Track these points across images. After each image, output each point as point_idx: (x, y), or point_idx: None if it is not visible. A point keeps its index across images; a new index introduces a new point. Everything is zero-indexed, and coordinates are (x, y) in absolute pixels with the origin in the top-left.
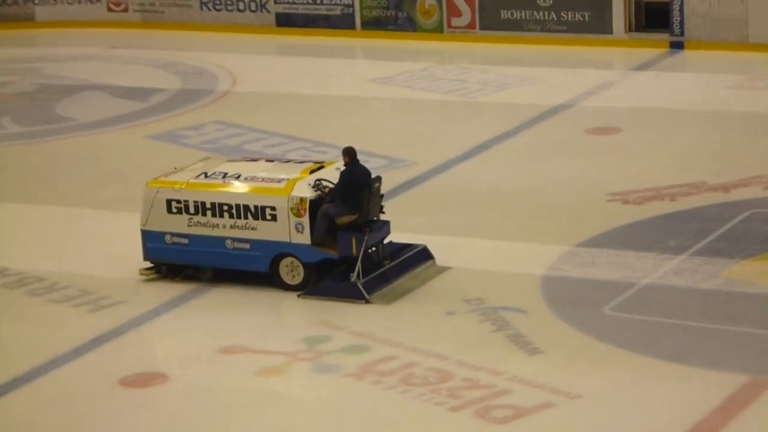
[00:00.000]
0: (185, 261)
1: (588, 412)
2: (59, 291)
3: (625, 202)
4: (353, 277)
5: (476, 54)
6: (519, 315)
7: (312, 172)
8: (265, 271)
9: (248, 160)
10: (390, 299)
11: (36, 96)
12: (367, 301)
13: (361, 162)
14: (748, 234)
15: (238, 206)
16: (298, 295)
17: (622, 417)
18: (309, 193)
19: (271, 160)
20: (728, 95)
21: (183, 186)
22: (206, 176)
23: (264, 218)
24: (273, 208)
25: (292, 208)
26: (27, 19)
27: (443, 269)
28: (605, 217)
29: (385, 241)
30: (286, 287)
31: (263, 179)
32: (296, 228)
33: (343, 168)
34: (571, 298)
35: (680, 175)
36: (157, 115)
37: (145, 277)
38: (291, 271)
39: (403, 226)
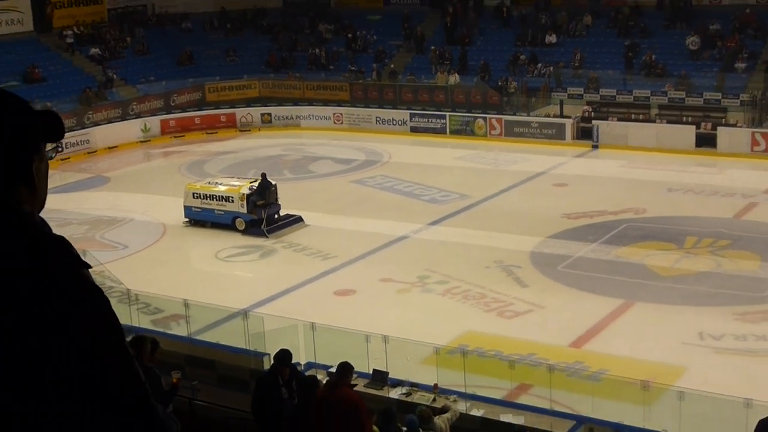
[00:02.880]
0: (200, 218)
1: (549, 315)
2: (305, 250)
3: (569, 218)
4: (262, 226)
5: (502, 147)
6: (518, 269)
7: (251, 183)
8: (229, 224)
9: (228, 177)
10: (447, 261)
11: (299, 161)
12: (267, 237)
13: (441, 193)
14: (626, 235)
15: (219, 196)
16: (242, 233)
17: (563, 318)
18: (247, 191)
19: (239, 177)
20: (619, 170)
21: (199, 187)
22: (209, 183)
23: (229, 201)
24: (232, 197)
25: (240, 197)
26: (295, 126)
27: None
28: (560, 225)
29: (282, 213)
30: (238, 231)
31: (230, 185)
32: (241, 206)
33: (260, 180)
34: (543, 262)
35: (595, 206)
36: (354, 171)
37: (187, 225)
38: (240, 224)
39: (465, 224)
